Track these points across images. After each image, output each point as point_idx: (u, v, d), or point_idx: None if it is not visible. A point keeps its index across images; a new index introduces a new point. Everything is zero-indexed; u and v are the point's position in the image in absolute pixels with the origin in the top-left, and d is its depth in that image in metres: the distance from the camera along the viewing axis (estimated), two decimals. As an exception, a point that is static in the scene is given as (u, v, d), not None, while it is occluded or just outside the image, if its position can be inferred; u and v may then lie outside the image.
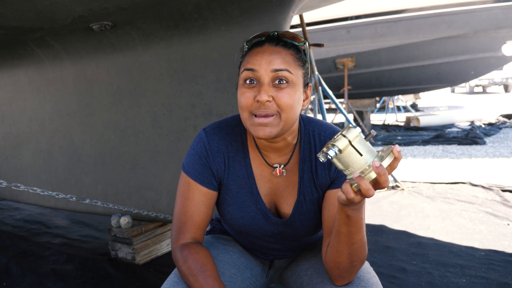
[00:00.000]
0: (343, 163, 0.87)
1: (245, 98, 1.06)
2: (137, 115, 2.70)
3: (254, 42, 1.11)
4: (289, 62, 1.07)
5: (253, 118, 1.06)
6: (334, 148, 0.84)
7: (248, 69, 1.06)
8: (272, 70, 1.04)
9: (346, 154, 0.85)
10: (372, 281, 1.17)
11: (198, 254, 1.14)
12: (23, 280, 2.55)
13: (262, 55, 1.06)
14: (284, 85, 1.05)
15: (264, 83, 1.04)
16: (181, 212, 1.20)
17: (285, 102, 1.05)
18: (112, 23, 2.31)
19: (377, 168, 0.82)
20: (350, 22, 8.76)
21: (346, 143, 0.84)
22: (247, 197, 1.22)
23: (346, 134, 0.84)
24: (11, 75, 3.30)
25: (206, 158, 1.20)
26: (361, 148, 0.85)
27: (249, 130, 1.08)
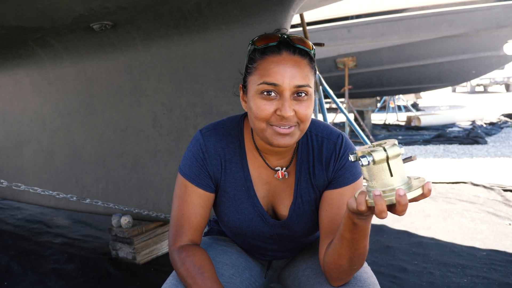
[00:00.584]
0: (371, 174, 0.83)
1: (264, 110, 1.03)
2: (138, 114, 2.69)
3: (268, 47, 1.06)
4: (308, 76, 1.05)
5: (273, 127, 1.04)
6: (370, 157, 0.81)
7: (269, 83, 1.02)
8: (295, 86, 1.02)
9: (377, 168, 0.82)
10: (369, 281, 1.16)
11: (196, 256, 1.14)
12: (24, 279, 2.55)
13: (284, 67, 1.02)
14: (303, 97, 1.04)
15: (287, 98, 1.02)
16: (178, 215, 1.19)
17: (305, 114, 1.04)
18: (112, 22, 2.31)
19: (400, 197, 0.79)
20: (350, 22, 8.75)
21: (383, 157, 0.80)
22: (244, 199, 1.22)
23: (387, 149, 0.81)
24: (12, 75, 3.30)
25: (203, 160, 1.19)
26: (394, 169, 0.81)
27: (267, 139, 1.06)
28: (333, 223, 1.14)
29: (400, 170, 0.82)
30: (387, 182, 0.82)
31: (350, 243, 0.99)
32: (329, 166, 1.17)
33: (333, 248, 1.06)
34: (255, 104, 1.05)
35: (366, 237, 0.99)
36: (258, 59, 1.06)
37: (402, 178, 0.83)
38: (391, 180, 0.82)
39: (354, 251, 1.01)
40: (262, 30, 2.14)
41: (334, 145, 1.18)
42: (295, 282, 1.32)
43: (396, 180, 0.82)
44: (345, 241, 1.00)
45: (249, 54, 1.11)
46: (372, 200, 0.83)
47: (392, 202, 0.81)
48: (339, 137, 1.19)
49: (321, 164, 1.18)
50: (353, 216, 0.92)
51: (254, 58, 1.07)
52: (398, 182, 0.82)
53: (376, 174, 0.82)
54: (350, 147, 1.19)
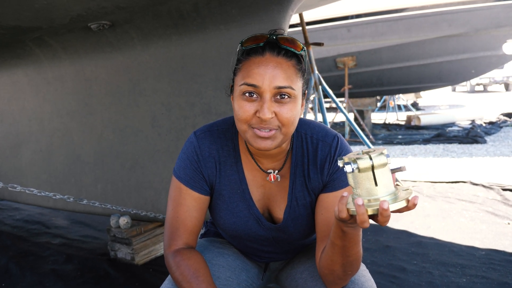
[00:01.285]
0: (356, 182, 0.82)
1: (245, 111, 1.02)
2: (136, 114, 2.69)
3: (252, 48, 1.04)
4: (292, 77, 1.02)
5: (254, 130, 1.03)
6: (354, 164, 0.79)
7: (248, 84, 1.01)
8: (275, 87, 1.00)
9: (362, 176, 0.80)
10: (367, 284, 1.15)
11: (191, 259, 1.13)
12: (23, 280, 2.55)
13: (264, 68, 1.00)
14: (286, 100, 1.02)
15: (266, 100, 1.00)
16: (172, 218, 1.18)
17: (287, 118, 1.02)
18: (110, 22, 2.30)
19: (384, 210, 0.78)
20: (350, 21, 8.75)
21: (368, 166, 0.79)
22: (240, 202, 1.21)
23: (373, 157, 0.79)
24: (10, 75, 3.29)
25: (197, 163, 1.17)
26: (380, 178, 0.80)
27: (248, 141, 1.05)
28: (329, 226, 1.12)
29: (386, 180, 0.80)
30: (372, 191, 0.80)
31: (342, 250, 0.98)
32: (323, 169, 1.16)
33: (325, 254, 1.05)
34: (237, 105, 1.04)
35: (357, 244, 0.98)
36: (243, 60, 1.05)
37: (388, 188, 0.81)
38: (376, 190, 0.80)
39: (346, 257, 1.00)
40: (260, 30, 2.13)
41: (329, 147, 1.16)
42: (292, 285, 1.31)
43: (380, 190, 0.80)
44: (336, 248, 0.98)
45: (237, 54, 1.09)
46: (354, 209, 0.81)
47: (375, 212, 0.80)
48: (335, 139, 1.17)
49: (316, 167, 1.17)
50: (341, 224, 0.91)
51: (240, 59, 1.06)
52: (383, 193, 0.80)
53: (361, 183, 0.81)
54: (346, 149, 1.17)
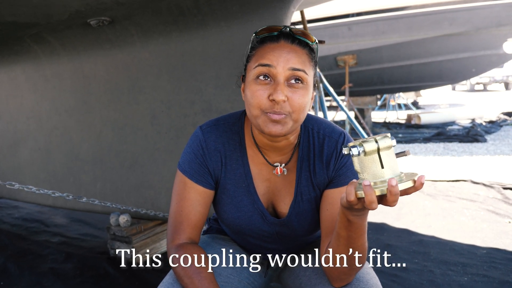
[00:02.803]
0: (362, 166, 0.83)
1: (258, 96, 1.02)
2: (136, 112, 2.67)
3: (267, 36, 1.06)
4: (305, 63, 1.04)
5: (267, 114, 1.02)
6: (361, 147, 0.81)
7: (263, 65, 1.02)
8: (289, 68, 1.01)
9: (368, 159, 0.82)
10: (372, 282, 1.14)
11: (193, 255, 1.12)
12: (21, 280, 2.53)
13: (280, 51, 1.02)
14: (299, 85, 1.02)
15: (280, 82, 1.01)
16: (176, 212, 1.17)
17: (299, 103, 1.02)
18: (110, 18, 2.28)
19: (392, 187, 0.78)
20: (351, 19, 8.74)
21: (374, 148, 0.81)
22: (244, 196, 1.20)
23: (379, 140, 0.81)
24: (8, 72, 3.27)
25: (203, 157, 1.17)
26: (385, 160, 0.81)
27: (259, 126, 1.05)
28: (334, 222, 1.11)
29: (391, 162, 0.82)
30: (378, 173, 0.82)
31: (347, 241, 0.97)
32: (329, 164, 1.15)
33: (331, 247, 1.05)
34: (250, 90, 1.04)
35: (362, 235, 0.97)
36: (257, 47, 1.07)
37: (393, 170, 0.82)
38: (382, 172, 0.82)
39: (351, 249, 0.99)
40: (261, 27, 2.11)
41: (335, 143, 1.16)
42: (296, 282, 1.30)
43: (387, 172, 0.82)
44: (341, 239, 0.98)
45: (251, 43, 1.10)
46: (362, 191, 0.82)
47: (383, 192, 0.80)
48: (341, 135, 1.17)
49: (322, 162, 1.16)
50: (347, 213, 0.91)
51: (254, 47, 1.08)
52: (389, 174, 0.82)
53: (367, 166, 0.82)
54: None
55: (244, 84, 1.11)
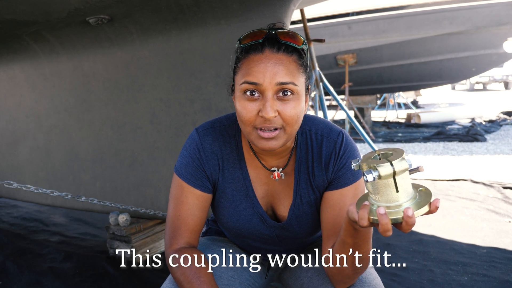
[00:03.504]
0: (375, 188, 0.78)
1: (248, 112, 0.99)
2: (135, 110, 2.66)
3: (251, 45, 1.01)
4: (293, 73, 0.99)
5: (258, 131, 1.00)
6: (375, 172, 0.75)
7: (249, 83, 0.98)
8: (276, 83, 0.97)
9: (383, 183, 0.76)
10: (375, 282, 1.14)
11: (193, 260, 1.10)
12: (21, 279, 2.52)
13: (265, 65, 0.97)
14: (289, 96, 0.99)
15: (269, 98, 0.97)
16: (174, 216, 1.15)
17: (290, 116, 0.99)
18: (109, 16, 2.27)
19: (409, 218, 0.75)
20: (351, 18, 8.72)
21: (390, 173, 0.75)
22: (243, 200, 1.18)
23: (395, 164, 0.75)
24: (7, 70, 3.26)
25: (200, 160, 1.15)
26: (401, 184, 0.76)
27: (253, 142, 1.03)
28: (335, 224, 1.10)
29: (406, 184, 0.77)
30: (393, 197, 0.77)
31: (352, 248, 0.96)
32: (328, 166, 1.13)
33: (335, 253, 1.03)
34: (239, 105, 1.01)
35: (368, 241, 0.96)
36: (242, 58, 1.02)
37: (408, 193, 0.78)
38: (397, 195, 0.77)
39: (357, 256, 0.98)
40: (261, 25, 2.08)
41: (334, 144, 1.13)
42: (297, 283, 1.29)
43: (401, 195, 0.77)
44: (347, 246, 0.96)
45: (236, 52, 1.06)
46: (376, 217, 0.78)
47: (397, 221, 0.77)
48: (339, 135, 1.14)
49: (321, 164, 1.14)
50: (353, 223, 0.89)
51: (239, 57, 1.04)
52: (404, 198, 0.77)
53: (381, 189, 0.77)
54: (351, 145, 1.14)
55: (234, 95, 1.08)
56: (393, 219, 0.77)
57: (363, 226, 0.82)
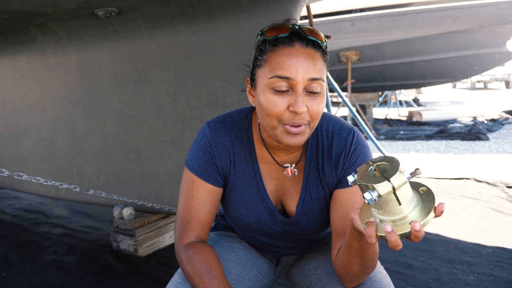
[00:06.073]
0: (377, 205, 0.77)
1: (276, 107, 0.97)
2: (141, 104, 2.64)
3: (279, 38, 0.98)
4: (322, 69, 0.99)
5: (285, 126, 0.99)
6: (374, 192, 0.73)
7: (282, 77, 0.96)
8: (308, 79, 0.96)
9: (384, 200, 0.75)
10: (385, 282, 1.13)
11: (203, 254, 1.09)
12: (23, 271, 2.51)
13: (297, 60, 0.96)
14: (317, 94, 0.98)
15: (300, 92, 0.96)
16: (184, 210, 1.15)
17: (317, 112, 0.99)
18: (117, 9, 2.24)
19: (417, 231, 0.74)
20: (354, 15, 8.69)
21: (389, 190, 0.73)
22: (254, 194, 1.17)
23: (392, 180, 0.73)
24: (13, 61, 3.23)
25: (211, 154, 1.14)
26: (402, 196, 0.74)
27: (277, 137, 1.01)
28: (345, 223, 1.09)
29: (408, 194, 0.76)
30: (396, 211, 0.76)
31: (359, 251, 0.95)
32: (338, 163, 1.12)
33: (342, 255, 1.02)
34: (266, 100, 0.99)
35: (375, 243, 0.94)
36: (268, 51, 0.99)
37: (411, 202, 0.76)
38: (400, 208, 0.75)
39: (363, 257, 0.97)
40: (271, 20, 2.08)
41: (344, 141, 1.12)
42: (305, 281, 1.28)
43: (405, 207, 0.75)
44: (353, 250, 0.96)
45: (258, 45, 1.03)
46: (383, 234, 0.77)
47: (405, 235, 0.75)
48: (350, 133, 1.13)
49: (331, 162, 1.13)
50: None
51: (264, 50, 1.00)
52: (408, 208, 0.76)
53: (383, 206, 0.76)
54: (362, 143, 1.13)
55: (253, 89, 1.06)
56: (401, 234, 0.75)
57: (371, 243, 0.81)
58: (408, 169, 0.75)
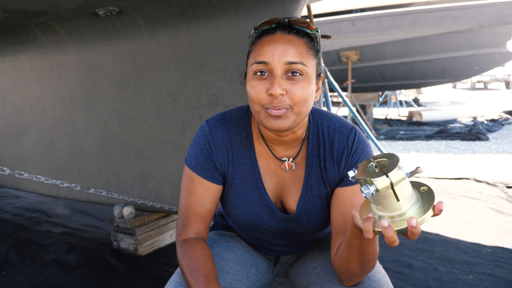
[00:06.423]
0: (375, 200, 0.77)
1: (256, 91, 1.00)
2: (142, 104, 2.64)
3: (264, 30, 1.03)
4: (303, 53, 1.00)
5: (266, 110, 1.00)
6: (372, 186, 0.74)
7: (259, 62, 0.99)
8: (285, 63, 0.98)
9: (382, 195, 0.75)
10: (383, 281, 1.13)
11: (195, 251, 1.10)
12: (23, 270, 2.52)
13: (274, 45, 0.99)
14: (298, 77, 0.99)
15: (277, 76, 0.98)
16: (184, 207, 1.17)
17: (299, 96, 0.99)
18: (118, 8, 2.25)
19: (413, 228, 0.74)
20: (355, 15, 8.69)
21: (387, 185, 0.73)
22: (252, 191, 1.18)
23: (390, 176, 0.73)
24: (13, 60, 3.23)
25: (209, 151, 1.15)
26: (400, 193, 0.74)
27: (262, 122, 1.03)
28: (346, 222, 1.09)
29: (406, 191, 0.75)
30: (394, 207, 0.76)
31: (359, 249, 0.95)
32: (341, 162, 1.13)
33: (341, 253, 1.03)
34: (249, 86, 1.02)
35: (374, 242, 0.95)
36: (255, 42, 1.04)
37: (410, 199, 0.76)
38: (398, 204, 0.75)
39: (363, 256, 0.97)
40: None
41: (346, 139, 1.13)
42: (304, 280, 1.29)
43: (403, 203, 0.75)
44: (353, 248, 0.96)
45: (250, 38, 1.08)
46: (380, 229, 0.77)
47: (402, 231, 0.76)
48: (352, 131, 1.14)
49: (333, 159, 1.13)
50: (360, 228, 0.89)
51: (252, 42, 1.05)
52: (406, 205, 0.76)
53: (381, 201, 0.76)
54: (364, 142, 1.14)
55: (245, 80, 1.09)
56: (397, 230, 0.75)
57: (369, 238, 0.82)
58: (408, 166, 0.75)
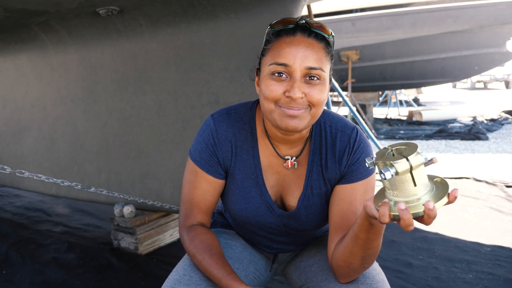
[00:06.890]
0: (392, 184, 0.78)
1: (273, 91, 1.01)
2: (142, 103, 2.65)
3: (283, 29, 1.03)
4: (322, 59, 1.01)
5: (281, 108, 1.01)
6: (392, 169, 0.75)
7: (279, 64, 1.00)
8: (306, 67, 0.99)
9: (400, 178, 0.77)
10: (378, 278, 1.14)
11: (205, 235, 1.15)
12: (24, 269, 2.52)
13: (296, 48, 1.00)
14: (315, 81, 1.01)
15: (297, 79, 0.99)
16: (187, 200, 1.20)
17: (317, 99, 1.01)
18: (119, 8, 2.25)
19: (430, 210, 0.75)
20: (355, 15, 8.69)
21: (407, 168, 0.75)
22: (253, 187, 1.19)
23: (410, 159, 0.75)
24: (14, 60, 3.24)
25: (213, 146, 1.16)
26: (418, 178, 0.76)
27: (275, 121, 1.04)
28: (344, 219, 1.11)
29: (423, 177, 0.78)
30: (410, 191, 0.78)
31: (364, 243, 0.97)
32: (342, 160, 1.14)
33: (345, 246, 1.03)
34: (265, 85, 1.03)
35: (380, 236, 0.97)
36: (272, 40, 1.05)
37: (426, 186, 0.78)
38: (415, 189, 0.77)
39: (367, 250, 0.98)
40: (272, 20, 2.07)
41: (348, 138, 1.15)
42: (301, 277, 1.30)
43: (419, 189, 0.77)
44: (359, 241, 0.97)
45: (265, 36, 1.08)
46: (397, 213, 0.78)
47: (418, 215, 0.77)
48: (354, 130, 1.16)
49: (334, 157, 1.15)
50: (370, 218, 0.89)
51: (270, 40, 1.06)
52: (422, 191, 0.78)
53: (399, 185, 0.78)
54: (365, 141, 1.16)
55: (259, 78, 1.10)
56: (414, 213, 0.77)
57: (384, 223, 0.82)
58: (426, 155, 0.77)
